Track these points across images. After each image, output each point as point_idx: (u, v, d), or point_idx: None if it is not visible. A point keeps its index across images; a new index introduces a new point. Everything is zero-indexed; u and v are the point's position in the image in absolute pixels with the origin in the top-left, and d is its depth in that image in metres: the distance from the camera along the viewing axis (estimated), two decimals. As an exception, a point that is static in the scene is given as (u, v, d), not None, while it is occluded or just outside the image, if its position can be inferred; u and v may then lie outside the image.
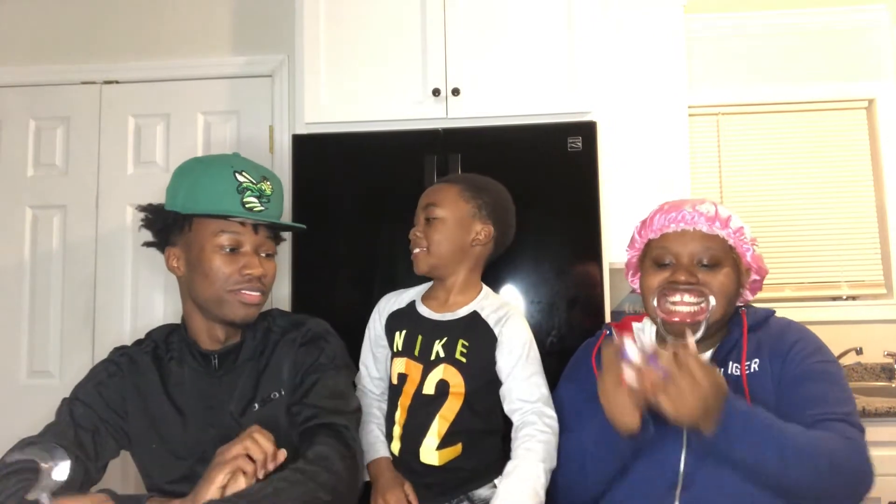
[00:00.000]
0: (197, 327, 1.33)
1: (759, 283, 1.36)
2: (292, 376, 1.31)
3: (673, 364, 1.04)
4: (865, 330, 2.61)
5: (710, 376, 1.05)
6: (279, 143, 2.56)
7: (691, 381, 1.03)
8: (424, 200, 1.50)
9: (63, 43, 2.69)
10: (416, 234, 1.48)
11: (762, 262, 1.34)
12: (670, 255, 1.29)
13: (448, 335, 1.43)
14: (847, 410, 1.16)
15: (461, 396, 1.39)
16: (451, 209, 1.46)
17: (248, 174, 1.29)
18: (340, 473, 1.14)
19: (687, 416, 1.04)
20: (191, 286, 1.30)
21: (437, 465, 1.39)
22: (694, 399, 1.03)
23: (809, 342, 1.26)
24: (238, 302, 1.27)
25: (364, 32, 2.14)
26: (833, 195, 2.76)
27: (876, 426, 2.00)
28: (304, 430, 1.23)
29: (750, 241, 1.31)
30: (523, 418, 1.37)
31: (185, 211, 1.27)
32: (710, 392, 1.04)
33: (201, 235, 1.27)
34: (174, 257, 1.31)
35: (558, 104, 2.05)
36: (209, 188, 1.26)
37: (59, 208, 2.62)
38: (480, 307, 1.47)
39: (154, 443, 1.29)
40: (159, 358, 1.35)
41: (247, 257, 1.28)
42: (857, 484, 1.11)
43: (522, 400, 1.38)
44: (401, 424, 1.43)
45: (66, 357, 2.55)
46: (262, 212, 1.29)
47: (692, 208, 1.30)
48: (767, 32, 2.78)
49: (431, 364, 1.42)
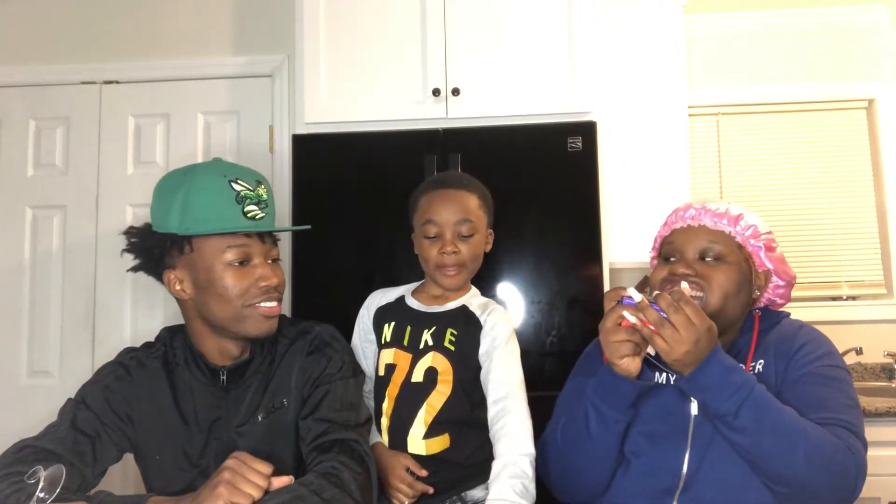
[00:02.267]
0: (207, 346, 1.28)
1: (786, 290, 1.33)
2: (300, 385, 1.28)
3: (670, 306, 1.09)
4: (865, 330, 2.61)
5: (704, 320, 1.09)
6: (279, 143, 2.56)
7: (686, 322, 1.08)
8: (456, 214, 1.44)
9: (63, 43, 2.69)
10: (451, 250, 1.44)
11: (784, 266, 1.31)
12: (676, 250, 1.29)
13: (437, 325, 1.46)
14: (849, 419, 1.14)
15: (449, 384, 1.41)
16: (479, 221, 1.48)
17: (243, 181, 1.22)
18: (350, 488, 1.12)
19: (680, 355, 1.08)
20: (202, 308, 1.23)
21: (426, 455, 1.40)
22: (688, 339, 1.07)
23: (819, 346, 1.24)
24: (259, 316, 1.22)
25: (364, 32, 2.14)
26: (833, 195, 2.76)
27: (876, 426, 2.00)
28: (316, 446, 1.20)
29: (764, 242, 1.29)
30: (503, 405, 1.38)
31: (185, 232, 1.19)
32: (703, 334, 1.08)
33: (207, 255, 1.20)
34: (177, 281, 1.24)
35: (558, 104, 2.05)
36: (208, 204, 1.19)
37: (59, 208, 2.62)
38: (469, 302, 1.50)
39: (157, 454, 1.27)
40: (169, 364, 1.31)
41: (260, 268, 1.23)
42: (841, 484, 1.09)
43: (500, 380, 1.40)
44: (388, 415, 1.44)
45: (66, 357, 2.55)
46: (263, 218, 1.24)
47: (701, 205, 1.31)
48: (767, 32, 2.78)
49: (420, 353, 1.44)
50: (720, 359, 1.11)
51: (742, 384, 1.09)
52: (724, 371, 1.10)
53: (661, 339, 1.09)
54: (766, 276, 1.31)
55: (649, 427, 1.23)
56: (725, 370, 1.10)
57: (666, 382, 1.27)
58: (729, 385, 1.09)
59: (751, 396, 1.09)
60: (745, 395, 1.08)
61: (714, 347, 1.11)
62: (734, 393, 1.09)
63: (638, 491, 1.21)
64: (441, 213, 1.45)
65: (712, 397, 1.10)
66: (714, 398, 1.10)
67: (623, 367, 1.15)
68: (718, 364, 1.10)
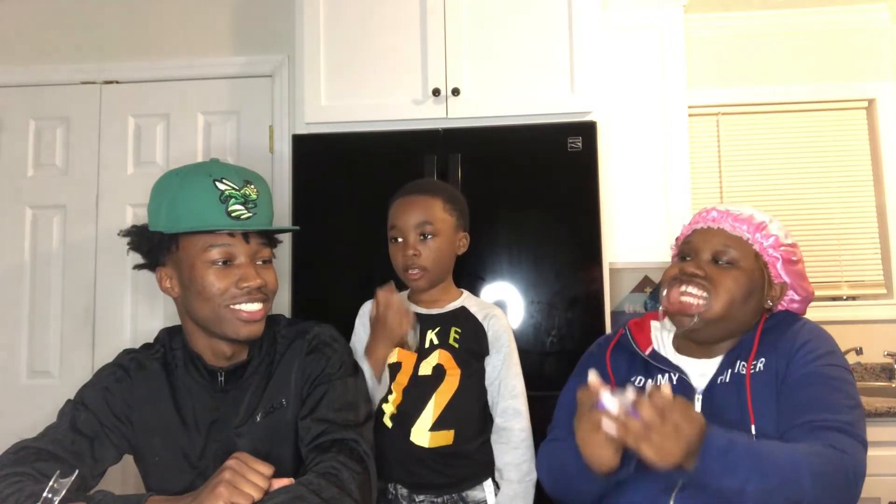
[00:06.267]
0: (201, 345, 1.27)
1: (802, 305, 1.31)
2: (299, 385, 1.28)
3: (654, 414, 0.99)
4: (865, 330, 2.61)
5: (692, 421, 1.01)
6: (279, 143, 2.56)
7: (674, 430, 0.99)
8: (415, 217, 1.48)
9: (63, 43, 2.69)
10: (412, 253, 1.47)
11: (803, 282, 1.29)
12: (692, 250, 1.29)
13: (441, 325, 1.51)
14: (848, 420, 1.12)
15: (456, 379, 1.47)
16: (442, 224, 1.50)
17: (229, 181, 1.21)
18: (350, 488, 1.12)
19: (670, 462, 1.00)
20: (187, 306, 1.24)
21: (428, 448, 1.44)
22: (677, 446, 0.99)
23: (821, 344, 1.22)
24: (237, 320, 1.21)
25: (364, 32, 2.14)
26: (833, 195, 2.76)
27: (876, 426, 2.00)
28: (315, 446, 1.20)
29: (782, 254, 1.27)
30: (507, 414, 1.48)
31: (169, 230, 1.20)
32: (693, 436, 1.00)
33: (190, 253, 1.21)
34: (166, 278, 1.25)
35: (558, 104, 2.05)
36: (189, 202, 1.19)
37: (59, 208, 2.62)
38: (467, 304, 1.55)
39: (156, 455, 1.27)
40: (168, 365, 1.31)
41: (242, 269, 1.22)
42: (843, 491, 1.08)
43: (513, 395, 1.49)
44: (395, 404, 1.47)
45: (66, 357, 2.55)
46: (251, 218, 1.22)
47: (725, 208, 1.30)
48: (767, 32, 2.78)
49: (426, 352, 1.49)
50: (714, 443, 1.03)
51: (741, 456, 1.04)
52: (721, 455, 1.03)
53: (648, 446, 0.99)
54: (782, 288, 1.29)
55: None
56: (722, 453, 1.03)
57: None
58: (729, 466, 1.03)
59: (751, 463, 1.03)
60: (746, 466, 1.03)
61: (704, 433, 1.02)
62: (735, 471, 1.03)
63: (635, 490, 1.21)
64: (402, 218, 1.49)
65: (715, 481, 1.05)
66: (717, 481, 1.04)
67: (602, 468, 1.09)
68: (715, 452, 1.03)
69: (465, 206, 1.58)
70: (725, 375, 1.23)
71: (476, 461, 1.48)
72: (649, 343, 1.34)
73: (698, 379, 1.26)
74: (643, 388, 1.28)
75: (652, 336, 1.35)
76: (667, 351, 1.32)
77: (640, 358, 1.32)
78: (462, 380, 1.47)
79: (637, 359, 1.32)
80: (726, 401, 1.21)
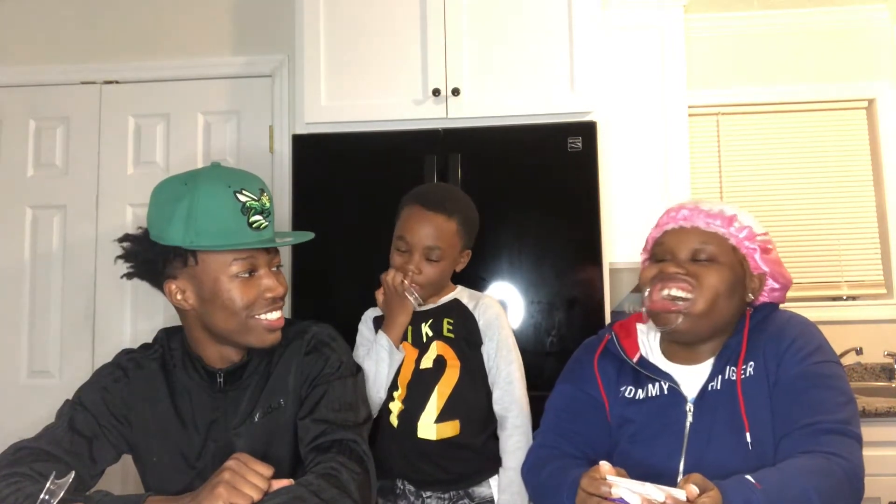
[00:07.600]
0: (207, 352, 1.27)
1: (781, 293, 1.30)
2: (298, 385, 1.27)
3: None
4: (865, 330, 2.61)
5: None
6: (279, 144, 2.56)
7: None
8: (427, 239, 1.45)
9: (63, 43, 2.69)
10: (413, 269, 1.46)
11: (780, 268, 1.29)
12: (668, 251, 1.27)
13: (433, 317, 1.53)
14: (843, 417, 1.12)
15: (457, 369, 1.49)
16: (451, 249, 1.49)
17: (248, 191, 1.20)
18: (349, 489, 1.12)
19: None
20: (206, 319, 1.23)
21: (436, 440, 1.45)
22: None
23: (809, 340, 1.21)
24: (263, 329, 1.22)
25: (364, 32, 2.14)
26: (833, 195, 2.76)
27: (876, 426, 1.99)
28: (315, 447, 1.20)
29: (759, 244, 1.26)
30: (504, 402, 1.50)
31: (190, 246, 1.17)
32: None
33: (212, 267, 1.19)
34: (178, 291, 1.22)
35: (558, 104, 2.05)
36: (212, 216, 1.17)
37: (59, 208, 2.62)
38: (460, 296, 1.57)
39: (155, 455, 1.27)
40: (166, 365, 1.31)
41: (265, 279, 1.22)
42: (852, 500, 1.07)
43: (508, 382, 1.50)
44: (400, 399, 1.48)
45: (66, 357, 2.55)
46: (267, 227, 1.24)
47: (694, 206, 1.28)
48: (767, 32, 2.78)
49: (424, 346, 1.51)
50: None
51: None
52: None
53: None
54: (761, 278, 1.28)
55: (643, 433, 1.22)
56: None
57: (659, 393, 1.25)
58: None
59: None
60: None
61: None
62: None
63: None
64: (412, 233, 1.46)
65: None
66: None
67: None
68: None
69: (478, 223, 1.55)
70: (716, 382, 1.21)
71: (482, 456, 1.49)
72: (636, 349, 1.31)
73: (689, 387, 1.23)
74: (633, 397, 1.27)
75: (639, 341, 1.33)
76: (655, 357, 1.30)
77: (629, 365, 1.29)
78: (463, 370, 1.49)
79: (626, 366, 1.30)
80: (719, 409, 1.19)
